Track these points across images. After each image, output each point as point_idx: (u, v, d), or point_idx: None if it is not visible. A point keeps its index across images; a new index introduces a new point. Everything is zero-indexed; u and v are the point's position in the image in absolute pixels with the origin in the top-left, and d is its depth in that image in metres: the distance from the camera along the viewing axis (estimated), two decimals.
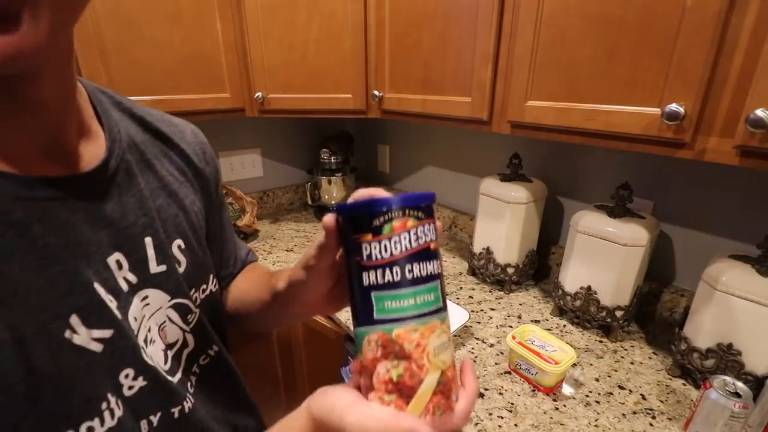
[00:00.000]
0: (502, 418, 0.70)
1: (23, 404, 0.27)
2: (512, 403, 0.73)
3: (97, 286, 0.33)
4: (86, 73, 0.99)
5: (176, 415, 0.39)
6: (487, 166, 1.33)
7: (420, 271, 0.31)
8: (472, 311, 1.01)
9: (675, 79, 0.60)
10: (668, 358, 0.85)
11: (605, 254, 0.86)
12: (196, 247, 0.45)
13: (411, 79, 1.06)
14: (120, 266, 0.36)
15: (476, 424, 0.69)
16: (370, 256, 0.30)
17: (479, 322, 0.97)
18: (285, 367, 1.28)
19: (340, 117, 1.29)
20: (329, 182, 1.59)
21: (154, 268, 0.39)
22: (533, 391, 0.76)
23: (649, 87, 0.63)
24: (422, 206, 0.31)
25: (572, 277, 0.93)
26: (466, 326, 0.92)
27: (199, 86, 1.14)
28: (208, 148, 0.53)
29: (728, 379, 0.63)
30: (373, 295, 0.31)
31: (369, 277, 0.31)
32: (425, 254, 0.31)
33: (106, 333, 0.33)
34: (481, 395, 0.75)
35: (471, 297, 1.08)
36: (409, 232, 0.30)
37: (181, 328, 0.43)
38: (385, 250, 0.30)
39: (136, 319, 0.36)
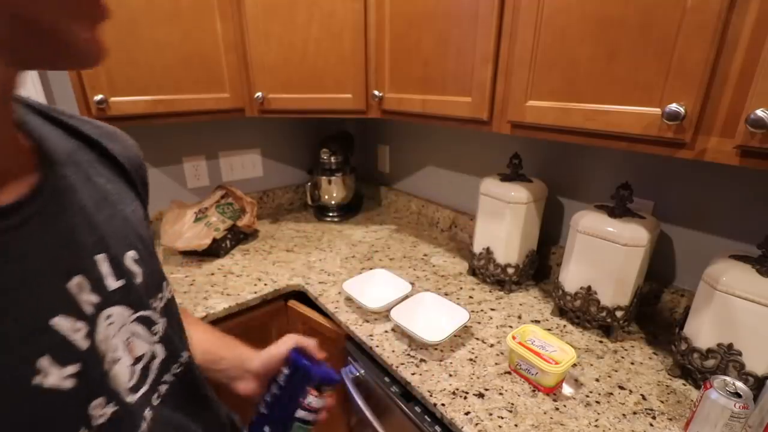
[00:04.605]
0: (502, 418, 0.70)
1: None
2: (512, 404, 0.73)
3: (62, 319, 0.30)
4: (85, 73, 0.99)
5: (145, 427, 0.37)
6: (487, 166, 1.33)
7: (316, 417, 0.53)
8: (472, 311, 1.01)
9: (675, 79, 0.60)
10: (668, 358, 0.85)
11: (605, 254, 0.86)
12: (146, 256, 0.42)
13: (411, 79, 1.06)
14: (81, 289, 0.33)
15: (476, 424, 0.69)
16: (310, 403, 0.50)
17: (479, 322, 0.96)
18: None
19: (340, 117, 1.29)
20: (329, 182, 1.59)
21: (113, 284, 0.36)
22: (533, 391, 0.76)
23: (649, 87, 0.63)
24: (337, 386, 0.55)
25: (572, 277, 0.93)
26: (466, 326, 0.92)
27: (199, 86, 1.14)
28: (140, 163, 0.49)
29: (728, 379, 0.63)
30: (295, 422, 0.50)
31: (300, 412, 0.50)
32: (321, 410, 0.54)
33: (76, 367, 0.30)
34: (481, 395, 0.75)
35: (471, 297, 1.08)
36: (326, 398, 0.53)
37: (148, 341, 0.41)
38: (316, 404, 0.51)
39: (102, 342, 0.34)
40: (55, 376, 0.28)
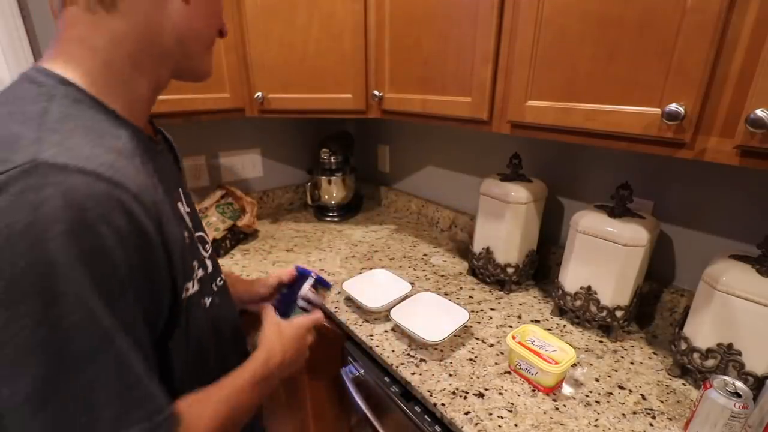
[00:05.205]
0: (502, 418, 0.70)
1: (177, 260, 0.43)
2: (512, 403, 0.73)
3: (180, 205, 0.51)
4: None
5: (209, 303, 0.55)
6: (487, 166, 1.33)
7: (311, 309, 0.73)
8: (472, 311, 1.01)
9: (675, 79, 0.60)
10: (668, 358, 0.85)
11: (605, 254, 0.86)
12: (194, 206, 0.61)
13: (411, 79, 1.06)
14: (179, 199, 0.52)
15: (476, 424, 0.69)
16: (307, 296, 0.72)
17: (479, 322, 0.96)
18: None
19: (340, 117, 1.29)
20: (329, 182, 1.59)
21: (187, 208, 0.55)
22: (533, 391, 0.76)
23: (649, 87, 0.63)
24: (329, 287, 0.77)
25: (572, 277, 0.93)
26: (466, 326, 0.92)
27: (199, 86, 1.14)
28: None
29: (728, 379, 0.63)
30: (296, 308, 0.71)
31: (300, 302, 0.71)
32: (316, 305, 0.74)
33: (188, 233, 0.49)
34: (481, 395, 0.75)
35: (471, 297, 1.08)
36: (320, 296, 0.74)
37: (203, 254, 0.57)
38: (312, 298, 0.72)
39: (193, 236, 0.53)
40: (184, 232, 0.47)
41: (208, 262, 0.58)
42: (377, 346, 0.89)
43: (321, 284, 0.73)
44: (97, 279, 0.34)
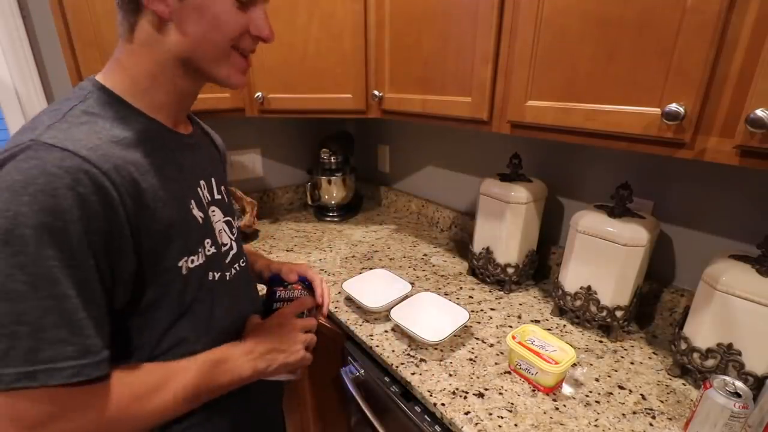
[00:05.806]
0: (502, 418, 0.70)
1: (174, 234, 0.53)
2: (512, 403, 0.73)
3: (200, 189, 0.61)
4: (86, 72, 0.99)
5: (227, 278, 0.64)
6: (487, 166, 1.33)
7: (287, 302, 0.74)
8: (472, 311, 1.01)
9: (675, 79, 0.60)
10: (668, 358, 0.85)
11: (605, 254, 0.86)
12: (229, 194, 0.71)
13: (411, 79, 1.06)
14: (204, 187, 0.62)
15: (476, 424, 0.69)
16: (280, 296, 0.74)
17: (479, 322, 0.97)
18: None
19: (340, 117, 1.29)
20: (329, 182, 1.59)
21: (216, 195, 0.65)
22: (533, 391, 0.76)
23: (649, 87, 0.63)
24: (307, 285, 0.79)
25: (572, 277, 0.93)
26: (466, 326, 0.92)
27: None
28: (225, 151, 0.82)
29: (728, 379, 0.63)
30: (274, 305, 0.73)
31: (276, 304, 0.73)
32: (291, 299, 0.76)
33: (202, 214, 0.59)
34: (481, 395, 0.75)
35: (471, 297, 1.08)
36: (294, 289, 0.76)
37: (229, 237, 0.67)
38: (284, 295, 0.74)
39: (210, 218, 0.62)
40: (196, 210, 0.58)
41: (234, 244, 0.68)
42: (377, 346, 0.89)
43: (279, 283, 0.76)
44: (54, 232, 0.41)
